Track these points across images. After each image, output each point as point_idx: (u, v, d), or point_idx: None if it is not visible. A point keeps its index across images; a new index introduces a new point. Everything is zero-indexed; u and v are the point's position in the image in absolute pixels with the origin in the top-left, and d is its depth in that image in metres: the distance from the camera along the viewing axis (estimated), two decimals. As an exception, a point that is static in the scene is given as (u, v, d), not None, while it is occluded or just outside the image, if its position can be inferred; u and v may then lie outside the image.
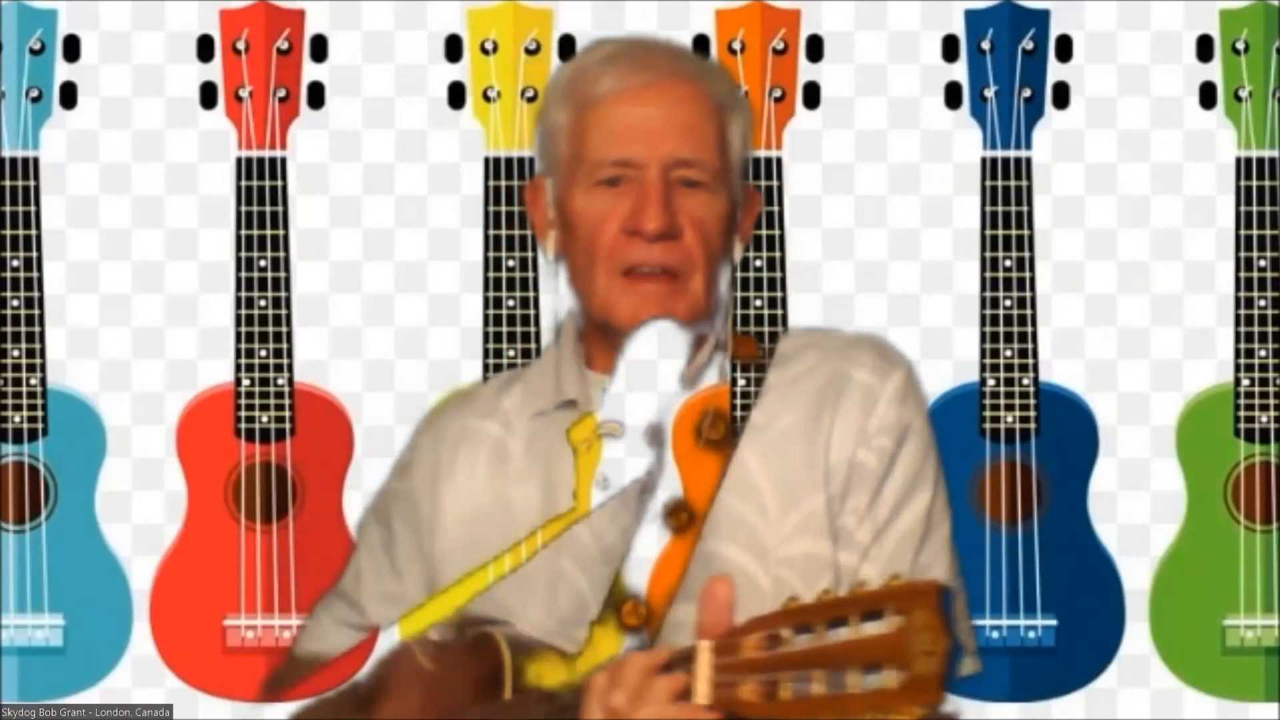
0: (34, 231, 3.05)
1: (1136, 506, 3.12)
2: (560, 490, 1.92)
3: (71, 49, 3.07)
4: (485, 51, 3.05)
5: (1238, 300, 3.08)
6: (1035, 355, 3.07)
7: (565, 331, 2.00)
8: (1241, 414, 3.09)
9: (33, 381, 3.06)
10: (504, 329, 3.02)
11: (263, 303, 3.05)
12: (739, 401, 1.93)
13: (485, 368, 3.01)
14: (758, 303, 2.99)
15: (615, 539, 1.89)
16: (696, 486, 1.89)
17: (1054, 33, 3.08)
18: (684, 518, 1.87)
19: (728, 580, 1.66)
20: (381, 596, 2.02)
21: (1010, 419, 3.08)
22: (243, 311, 3.06)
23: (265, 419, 3.07)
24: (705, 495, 1.88)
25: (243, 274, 3.05)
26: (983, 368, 3.08)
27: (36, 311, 3.06)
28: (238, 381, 3.07)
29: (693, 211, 1.90)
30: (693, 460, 1.90)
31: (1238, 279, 3.08)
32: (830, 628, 1.49)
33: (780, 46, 3.04)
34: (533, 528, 1.93)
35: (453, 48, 3.06)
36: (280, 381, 3.06)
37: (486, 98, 3.05)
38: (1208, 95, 3.08)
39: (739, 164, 1.95)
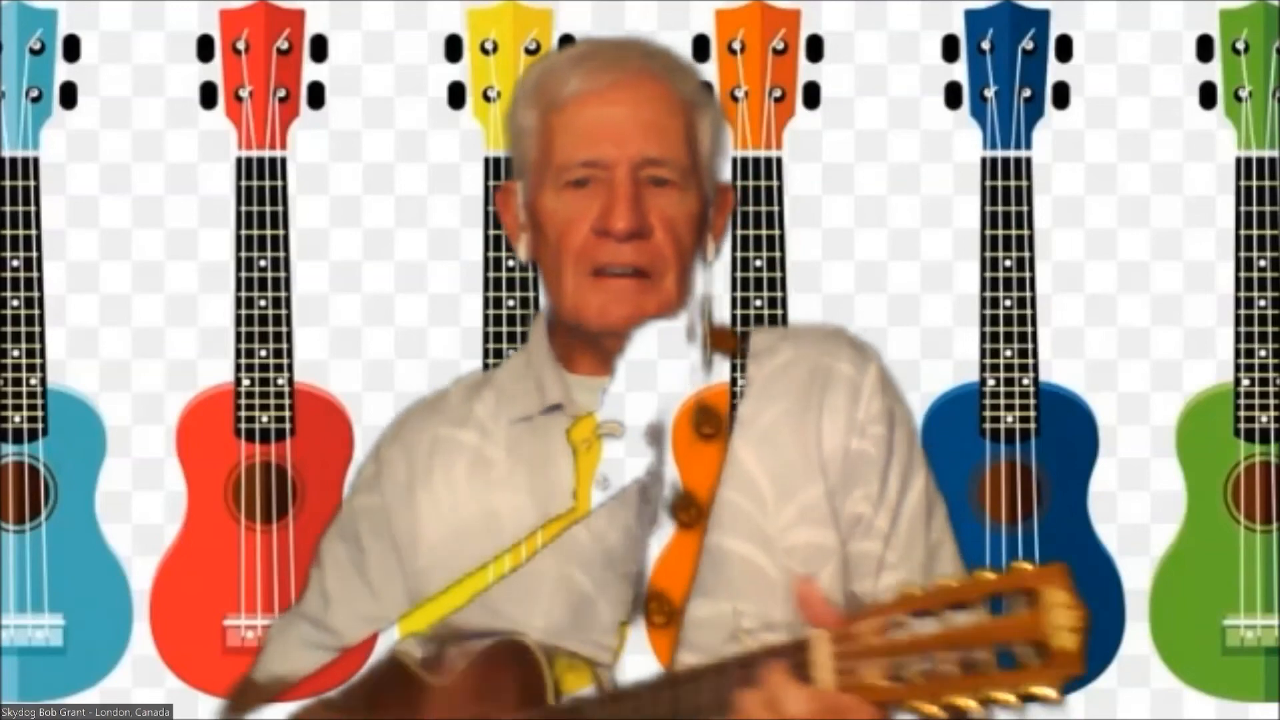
0: (34, 231, 3.05)
1: (1136, 506, 3.12)
2: (550, 495, 1.92)
3: (71, 49, 3.07)
4: (485, 51, 3.05)
5: (1238, 300, 3.08)
6: (1035, 355, 3.07)
7: (535, 334, 1.99)
8: (1241, 414, 3.09)
9: (33, 381, 3.06)
10: (504, 329, 3.02)
11: (263, 303, 3.05)
12: (737, 397, 1.93)
13: (485, 368, 3.01)
14: (758, 303, 2.99)
15: (616, 540, 1.89)
16: (698, 480, 1.89)
17: (1054, 33, 3.07)
18: (692, 512, 1.88)
19: (809, 579, 1.69)
20: (356, 617, 1.99)
21: (1010, 419, 3.08)
22: (243, 311, 3.06)
23: (265, 419, 3.07)
24: (706, 488, 1.88)
25: (243, 274, 3.05)
26: (983, 368, 3.08)
27: (36, 311, 3.06)
28: (238, 381, 3.07)
29: (663, 210, 1.90)
30: (691, 455, 1.90)
31: (1238, 279, 3.08)
32: (951, 611, 1.54)
33: (780, 46, 3.04)
34: (523, 532, 1.92)
35: (453, 48, 3.06)
36: (280, 381, 3.06)
37: (486, 98, 3.05)
38: (1208, 95, 3.08)
39: (709, 161, 1.95)
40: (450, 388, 2.05)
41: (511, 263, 3.02)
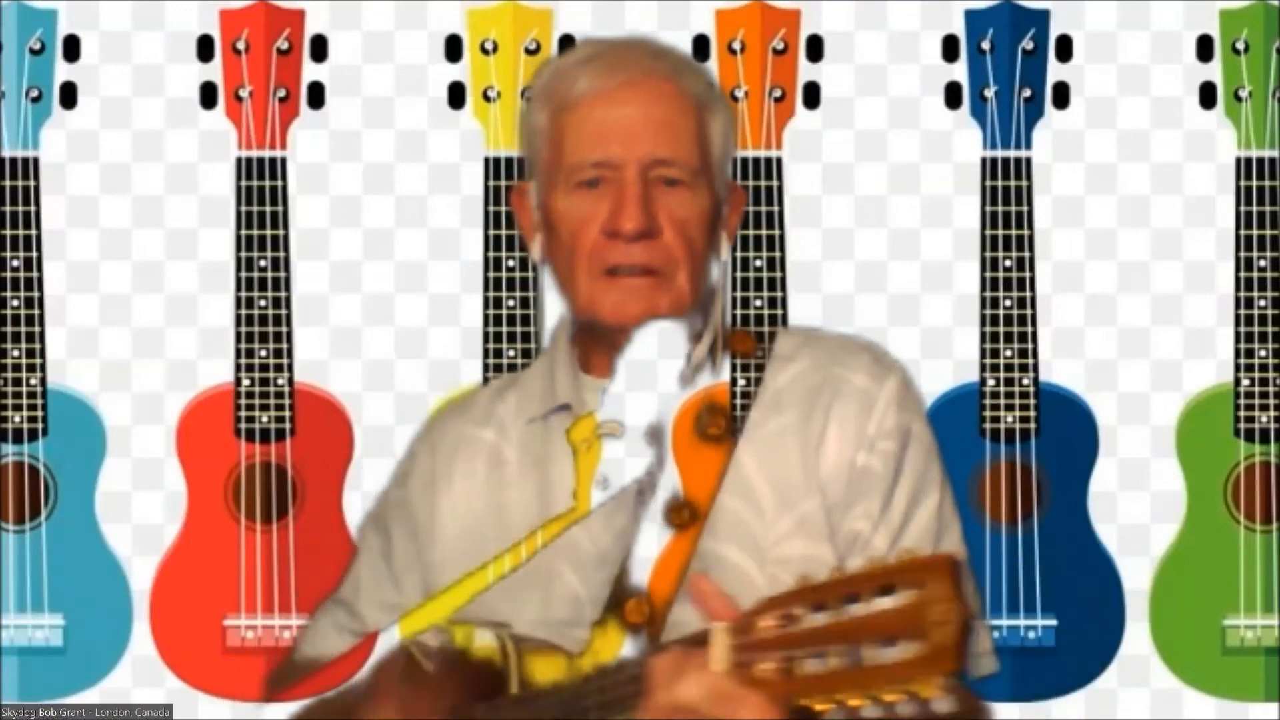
0: (34, 231, 3.05)
1: (1136, 506, 3.12)
2: (556, 494, 1.92)
3: (71, 49, 3.07)
4: (485, 51, 3.05)
5: (1238, 300, 3.08)
6: (1035, 355, 3.07)
7: (559, 336, 2.00)
8: (1241, 414, 3.09)
9: (33, 381, 3.06)
10: (504, 329, 3.02)
11: (263, 303, 3.05)
12: (738, 400, 1.93)
13: (485, 368, 3.01)
14: (758, 303, 2.99)
15: (611, 542, 1.89)
16: (697, 483, 1.89)
17: (1054, 33, 3.07)
18: (686, 515, 1.87)
19: (704, 574, 1.68)
20: (380, 604, 2.02)
21: (1010, 419, 3.08)
22: (243, 311, 3.06)
23: (265, 419, 3.07)
24: (706, 492, 1.88)
25: (243, 274, 3.05)
26: (983, 368, 3.08)
27: (36, 311, 3.06)
28: (238, 381, 3.07)
29: (673, 210, 1.90)
30: (693, 456, 1.90)
31: (1238, 279, 3.08)
32: (845, 604, 1.49)
33: (780, 46, 3.04)
34: (530, 531, 1.93)
35: (453, 48, 3.06)
36: (280, 381, 3.06)
37: (486, 98, 3.05)
38: (1208, 95, 3.08)
39: (720, 161, 1.95)
40: (482, 387, 2.07)
41: (511, 263, 3.02)
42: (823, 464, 1.89)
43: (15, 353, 3.05)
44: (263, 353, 3.06)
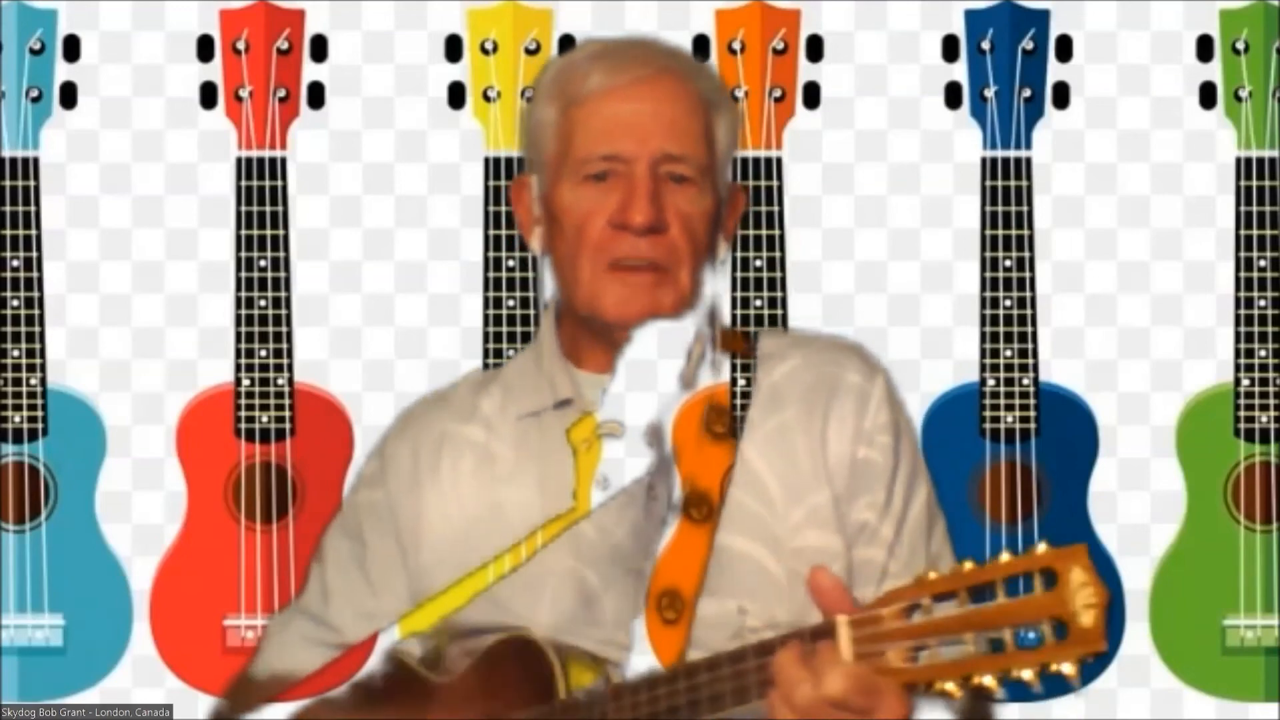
0: (34, 231, 3.05)
1: (1136, 506, 3.12)
2: (557, 489, 1.92)
3: (71, 49, 3.07)
4: (485, 51, 3.05)
5: (1238, 300, 3.08)
6: (1035, 355, 3.07)
7: (544, 331, 2.00)
8: (1241, 414, 3.09)
9: (33, 381, 3.06)
10: (504, 329, 3.02)
11: (263, 303, 3.05)
12: (736, 398, 1.94)
13: (485, 368, 3.01)
14: (758, 303, 2.99)
15: (624, 537, 1.90)
16: (708, 479, 1.90)
17: (1054, 33, 3.08)
18: (704, 509, 1.89)
19: (824, 568, 1.70)
20: (356, 613, 2.00)
21: (1010, 419, 3.08)
22: (243, 311, 3.06)
23: (265, 419, 3.07)
24: (717, 487, 1.90)
25: (243, 274, 3.05)
26: (983, 368, 3.08)
27: (36, 311, 3.05)
28: (238, 381, 3.07)
29: (680, 206, 1.92)
30: (702, 453, 1.91)
31: (1238, 279, 3.08)
32: (973, 594, 1.57)
33: (780, 46, 3.04)
34: (531, 528, 1.93)
35: (453, 48, 3.06)
36: (280, 381, 3.06)
37: (486, 98, 3.05)
38: (1208, 95, 3.08)
39: (725, 161, 1.97)
40: (458, 383, 2.06)
41: (511, 263, 3.02)
42: (826, 457, 1.91)
43: (15, 353, 3.05)
44: (263, 353, 3.06)
